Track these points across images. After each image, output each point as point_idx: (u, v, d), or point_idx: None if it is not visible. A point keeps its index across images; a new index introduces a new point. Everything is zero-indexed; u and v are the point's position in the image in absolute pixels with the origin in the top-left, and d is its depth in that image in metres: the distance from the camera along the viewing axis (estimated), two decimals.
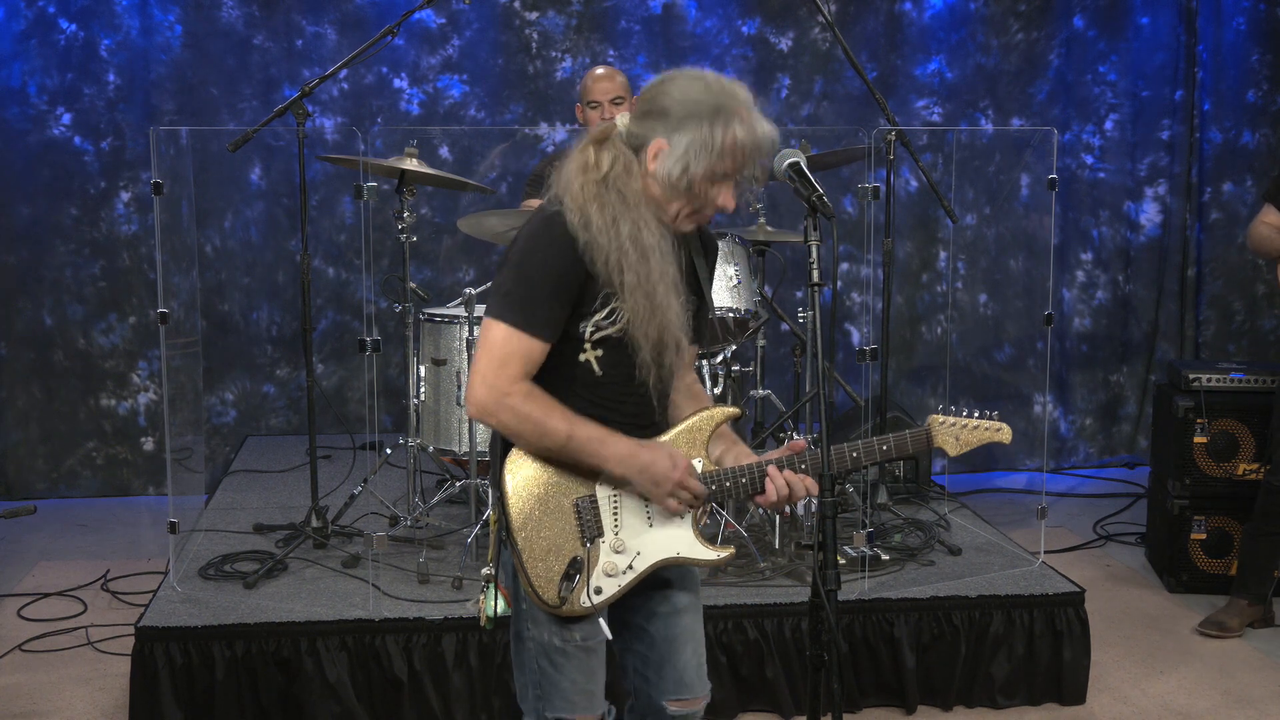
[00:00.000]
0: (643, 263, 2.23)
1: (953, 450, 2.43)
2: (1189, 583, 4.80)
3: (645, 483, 2.30)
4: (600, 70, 4.73)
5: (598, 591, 2.33)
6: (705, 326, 2.51)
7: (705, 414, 2.42)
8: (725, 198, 2.28)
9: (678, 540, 2.38)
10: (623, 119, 2.31)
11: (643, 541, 2.36)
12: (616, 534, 2.35)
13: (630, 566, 2.35)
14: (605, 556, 2.34)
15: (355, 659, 3.62)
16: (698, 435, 2.41)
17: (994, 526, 4.69)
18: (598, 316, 2.27)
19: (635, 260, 2.22)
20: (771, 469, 2.35)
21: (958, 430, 2.43)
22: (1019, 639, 3.87)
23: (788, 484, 2.33)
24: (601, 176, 2.24)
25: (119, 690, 3.83)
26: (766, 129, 2.25)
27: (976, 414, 2.43)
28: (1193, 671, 4.14)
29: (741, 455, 2.41)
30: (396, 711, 3.63)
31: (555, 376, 2.30)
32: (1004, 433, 2.44)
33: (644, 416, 2.39)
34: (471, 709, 3.65)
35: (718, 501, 2.46)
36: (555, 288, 2.23)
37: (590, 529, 2.34)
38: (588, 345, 2.30)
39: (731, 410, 2.45)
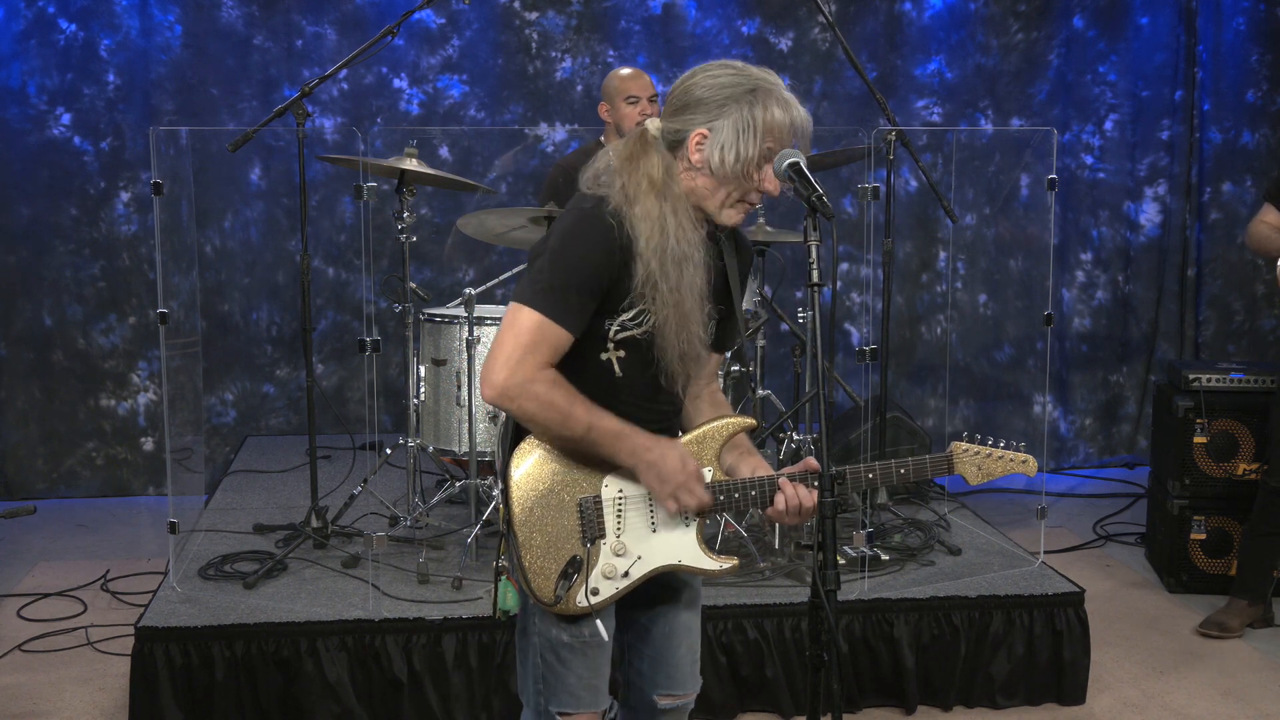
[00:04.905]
0: (677, 272, 2.23)
1: (973, 479, 2.41)
2: (1189, 583, 4.80)
3: (651, 478, 2.28)
4: (630, 70, 4.79)
5: (594, 593, 2.32)
6: (731, 334, 2.49)
7: (720, 423, 2.39)
8: (770, 181, 2.28)
9: (681, 548, 2.36)
10: (653, 123, 2.31)
11: (644, 546, 2.34)
12: (618, 536, 2.33)
13: (629, 571, 2.33)
14: (605, 558, 2.32)
15: (355, 659, 3.61)
16: (710, 443, 2.38)
17: (994, 526, 4.69)
18: (624, 317, 2.26)
19: (671, 269, 2.22)
20: (783, 481, 2.31)
21: (980, 459, 2.40)
22: (1019, 639, 3.87)
23: (799, 498, 2.30)
24: (648, 175, 2.25)
25: (119, 690, 3.83)
26: (801, 111, 2.29)
27: (1003, 444, 2.40)
28: (1192, 671, 4.14)
29: (757, 466, 2.38)
30: (396, 712, 3.63)
31: (572, 372, 2.28)
32: (1029, 465, 2.41)
33: (657, 419, 2.37)
34: (471, 709, 3.65)
35: (726, 511, 2.44)
36: (589, 282, 2.21)
37: (592, 529, 2.32)
38: (611, 344, 2.28)
39: (747, 420, 2.42)
